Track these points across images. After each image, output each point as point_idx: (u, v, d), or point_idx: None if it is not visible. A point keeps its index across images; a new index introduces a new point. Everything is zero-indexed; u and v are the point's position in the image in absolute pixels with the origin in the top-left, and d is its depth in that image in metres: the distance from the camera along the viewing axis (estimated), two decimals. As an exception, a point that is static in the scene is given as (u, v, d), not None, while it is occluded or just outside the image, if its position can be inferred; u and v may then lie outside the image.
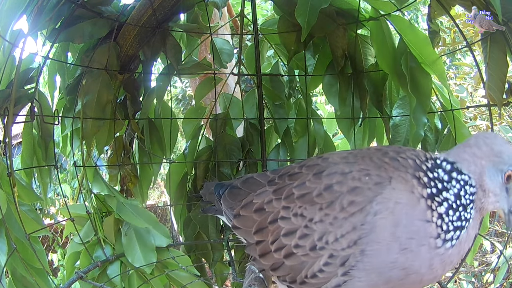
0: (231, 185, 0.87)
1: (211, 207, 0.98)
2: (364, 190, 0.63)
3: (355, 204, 0.63)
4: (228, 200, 0.85)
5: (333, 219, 0.64)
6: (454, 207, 0.62)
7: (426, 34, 1.08)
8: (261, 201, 0.76)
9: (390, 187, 0.63)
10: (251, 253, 0.77)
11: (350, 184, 0.65)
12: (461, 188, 0.63)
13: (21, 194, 1.03)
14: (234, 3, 2.75)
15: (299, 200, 0.69)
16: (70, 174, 3.59)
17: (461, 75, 3.37)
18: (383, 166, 0.66)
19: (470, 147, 0.65)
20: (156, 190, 5.51)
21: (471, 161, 0.64)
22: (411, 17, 4.30)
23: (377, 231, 0.61)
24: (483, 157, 0.64)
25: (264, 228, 0.73)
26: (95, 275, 1.17)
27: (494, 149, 0.63)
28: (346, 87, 1.32)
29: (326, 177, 0.68)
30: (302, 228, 0.67)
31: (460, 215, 0.63)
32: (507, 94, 0.96)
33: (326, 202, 0.65)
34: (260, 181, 0.81)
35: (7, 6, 0.90)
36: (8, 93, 0.96)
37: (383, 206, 0.61)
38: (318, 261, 0.65)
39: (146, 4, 1.17)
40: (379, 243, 0.61)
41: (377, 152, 0.69)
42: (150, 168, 1.40)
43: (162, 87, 1.30)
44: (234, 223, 0.80)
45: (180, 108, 4.46)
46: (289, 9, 1.21)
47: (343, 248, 0.62)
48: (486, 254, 3.11)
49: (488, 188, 0.64)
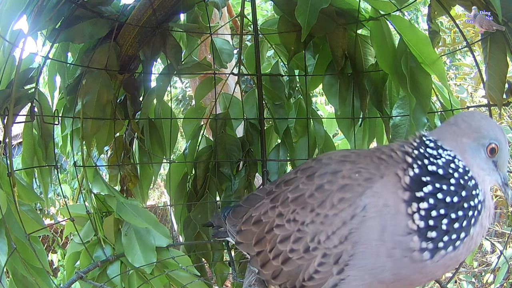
0: (236, 205, 0.90)
1: (219, 231, 1.00)
2: (354, 186, 0.63)
3: (345, 200, 0.63)
4: (231, 219, 0.88)
5: (323, 218, 0.64)
6: (441, 197, 0.59)
7: (426, 34, 1.08)
8: (258, 213, 0.77)
9: (381, 182, 0.63)
10: (254, 265, 0.77)
11: (340, 182, 0.65)
12: (448, 163, 0.61)
13: (21, 194, 1.03)
14: (234, 3, 2.75)
15: (293, 203, 0.69)
16: (70, 174, 3.59)
17: (461, 75, 3.37)
18: (377, 163, 0.66)
19: (450, 125, 0.66)
20: (156, 190, 5.51)
21: (452, 139, 0.64)
22: (411, 17, 4.30)
23: (366, 228, 0.60)
24: (463, 135, 0.63)
25: (262, 238, 0.74)
26: (95, 275, 1.17)
27: (472, 125, 0.63)
28: (346, 87, 1.32)
29: (318, 177, 0.68)
30: (295, 232, 0.67)
31: (460, 205, 0.59)
32: (507, 94, 0.96)
33: (317, 202, 0.66)
34: (259, 195, 0.84)
35: (7, 6, 0.90)
36: (8, 93, 0.96)
37: (373, 201, 0.61)
38: (313, 262, 0.65)
39: (146, 4, 1.17)
40: (369, 243, 0.60)
41: (377, 151, 0.69)
42: (150, 168, 1.40)
43: (162, 87, 1.30)
44: (237, 239, 0.81)
45: (180, 108, 4.46)
46: (289, 9, 1.21)
47: (335, 245, 0.62)
48: (486, 254, 3.11)
49: (472, 163, 0.63)
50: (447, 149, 0.63)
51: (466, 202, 0.60)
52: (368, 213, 0.61)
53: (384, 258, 0.60)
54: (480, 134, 0.63)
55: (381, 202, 0.61)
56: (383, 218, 0.60)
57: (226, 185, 1.37)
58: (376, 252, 0.60)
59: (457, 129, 0.64)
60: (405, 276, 0.62)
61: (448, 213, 0.59)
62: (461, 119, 0.65)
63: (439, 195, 0.60)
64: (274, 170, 1.38)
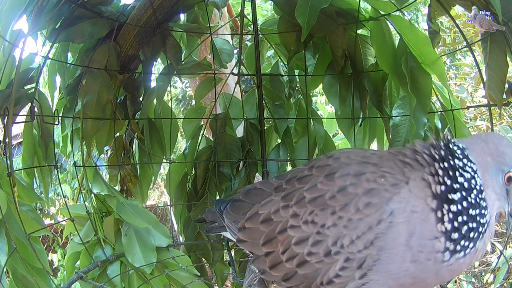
0: (233, 199, 0.86)
1: (214, 226, 0.97)
2: (381, 191, 0.63)
3: (372, 205, 0.62)
4: (231, 214, 0.83)
5: (347, 222, 0.63)
6: (466, 206, 0.61)
7: (426, 34, 1.08)
8: (267, 211, 0.74)
9: (407, 187, 0.62)
10: (260, 265, 0.75)
11: (365, 186, 0.64)
12: (471, 178, 0.63)
13: (21, 194, 1.03)
14: (234, 3, 2.75)
15: (311, 204, 0.67)
16: (70, 174, 3.59)
17: (461, 75, 3.37)
18: (400, 167, 0.65)
19: (480, 140, 0.66)
20: (156, 190, 5.51)
21: (479, 153, 0.65)
22: (411, 17, 4.30)
23: (394, 234, 0.60)
24: (489, 154, 0.64)
25: (273, 238, 0.72)
26: (95, 275, 1.17)
27: (499, 148, 0.64)
28: (346, 87, 1.32)
29: (339, 178, 0.66)
30: (314, 235, 0.66)
31: (475, 218, 0.62)
32: (507, 94, 0.96)
33: (340, 204, 0.64)
34: (265, 190, 0.79)
35: (7, 6, 0.90)
36: (8, 93, 0.96)
37: (400, 207, 0.61)
38: (334, 266, 0.64)
39: (146, 4, 1.17)
40: (395, 248, 0.60)
41: (398, 154, 0.69)
42: (150, 168, 1.40)
43: (162, 87, 1.30)
44: (239, 236, 0.78)
45: (180, 108, 4.46)
46: (289, 9, 1.21)
47: (360, 250, 0.62)
48: (486, 254, 3.11)
49: (488, 184, 0.64)
50: (473, 161, 0.64)
51: (481, 217, 0.63)
52: (396, 219, 0.61)
53: (408, 264, 0.61)
54: (503, 160, 0.64)
55: (409, 208, 0.61)
56: (411, 224, 0.61)
57: (226, 185, 1.37)
58: (402, 257, 0.61)
59: (486, 147, 0.65)
60: (423, 279, 0.62)
61: (468, 221, 0.62)
62: (491, 139, 0.65)
63: (465, 204, 0.62)
64: (274, 170, 1.38)
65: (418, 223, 0.61)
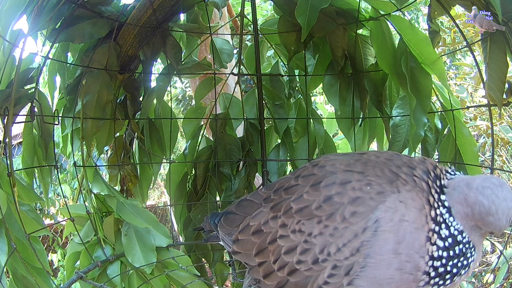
0: (226, 212, 0.87)
1: (212, 235, 0.98)
2: (366, 200, 0.63)
3: (357, 214, 0.62)
4: (225, 227, 0.85)
5: (333, 230, 0.64)
6: (451, 254, 0.62)
7: (426, 34, 1.07)
8: (258, 223, 0.75)
9: (394, 197, 0.63)
10: (255, 275, 0.76)
11: (351, 195, 0.64)
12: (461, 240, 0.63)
13: (21, 194, 1.03)
14: (234, 3, 2.75)
15: (298, 214, 0.68)
16: (70, 174, 3.59)
17: (461, 75, 3.37)
18: (389, 177, 0.65)
19: (467, 203, 0.63)
20: (156, 190, 5.51)
21: (463, 216, 0.63)
22: (411, 17, 4.30)
23: (380, 241, 0.61)
24: (473, 220, 0.63)
25: (264, 249, 0.73)
26: (95, 275, 1.17)
27: (484, 219, 0.62)
28: (346, 87, 1.32)
29: (325, 188, 0.67)
30: (302, 244, 0.67)
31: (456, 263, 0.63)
32: (507, 94, 0.96)
33: (326, 214, 0.65)
34: (255, 202, 0.81)
35: (7, 6, 0.90)
36: (8, 93, 0.96)
37: (386, 216, 0.61)
38: (322, 273, 0.65)
39: (146, 4, 1.17)
40: (382, 255, 0.61)
41: (389, 162, 0.68)
42: (150, 168, 1.40)
43: (162, 87, 1.30)
44: (233, 248, 0.80)
45: (180, 108, 4.46)
46: (289, 9, 1.21)
47: (346, 257, 0.62)
48: (486, 254, 3.11)
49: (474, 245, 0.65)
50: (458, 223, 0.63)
51: (465, 259, 0.64)
52: (381, 227, 0.61)
53: (394, 270, 0.61)
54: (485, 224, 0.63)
55: (397, 217, 0.61)
56: (400, 232, 0.61)
57: (226, 185, 1.37)
58: (388, 263, 0.61)
59: (471, 213, 0.63)
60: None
61: (454, 259, 0.63)
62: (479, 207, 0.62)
63: (450, 241, 0.62)
64: (274, 170, 1.38)
65: (408, 231, 0.61)
